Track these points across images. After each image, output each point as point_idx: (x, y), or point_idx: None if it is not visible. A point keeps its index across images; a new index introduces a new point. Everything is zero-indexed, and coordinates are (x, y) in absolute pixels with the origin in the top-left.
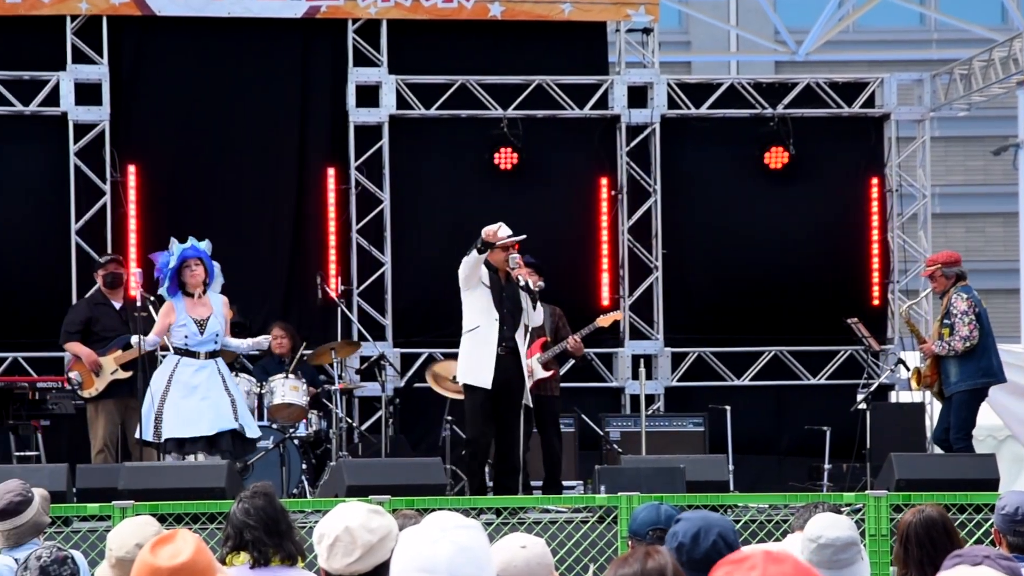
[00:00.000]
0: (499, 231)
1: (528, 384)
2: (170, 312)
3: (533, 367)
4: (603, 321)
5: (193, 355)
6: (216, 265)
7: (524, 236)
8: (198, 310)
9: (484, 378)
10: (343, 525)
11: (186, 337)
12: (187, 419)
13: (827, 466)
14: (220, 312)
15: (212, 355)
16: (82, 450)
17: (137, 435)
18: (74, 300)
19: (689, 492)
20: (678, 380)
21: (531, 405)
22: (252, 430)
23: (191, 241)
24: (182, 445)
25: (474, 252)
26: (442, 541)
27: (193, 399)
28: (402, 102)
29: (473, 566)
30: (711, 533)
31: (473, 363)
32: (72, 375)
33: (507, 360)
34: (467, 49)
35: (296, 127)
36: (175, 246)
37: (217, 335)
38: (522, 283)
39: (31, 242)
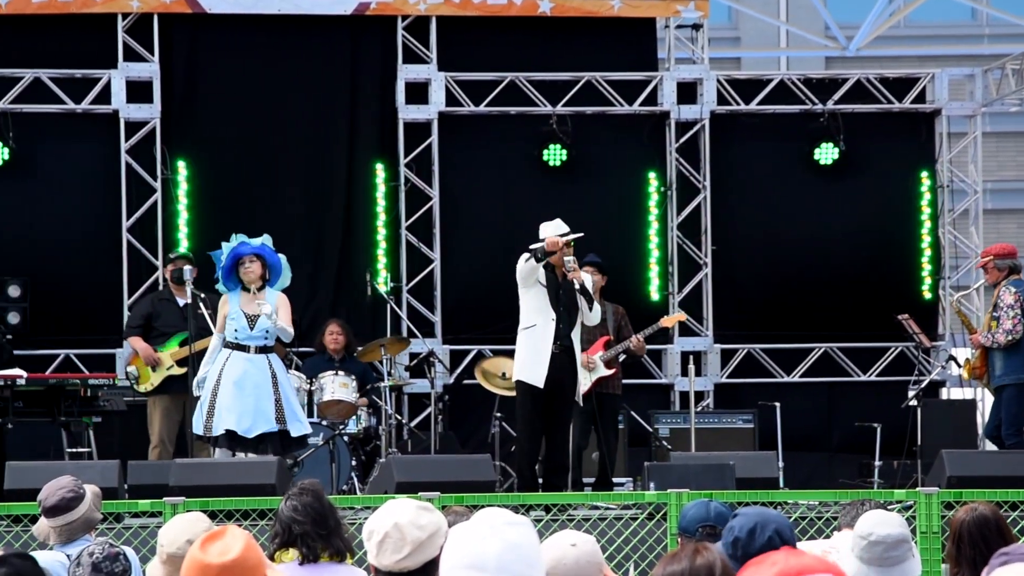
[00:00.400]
0: (560, 238)
1: (590, 382)
2: (224, 305)
3: (596, 364)
4: (666, 322)
5: (243, 348)
6: (282, 258)
7: (581, 235)
8: (252, 306)
9: (538, 376)
10: (392, 521)
11: (236, 331)
12: (237, 414)
13: (878, 463)
14: (273, 309)
15: (263, 350)
16: (134, 446)
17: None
18: (125, 297)
19: (739, 489)
20: (727, 377)
21: (582, 403)
22: (300, 427)
23: (241, 238)
24: (234, 441)
25: (532, 260)
26: (491, 538)
27: (240, 395)
28: (451, 99)
29: (522, 563)
30: (767, 529)
31: (528, 361)
32: (129, 369)
33: (562, 358)
34: (516, 46)
35: (345, 124)
36: (227, 246)
37: (267, 332)
38: (578, 285)
39: (83, 239)
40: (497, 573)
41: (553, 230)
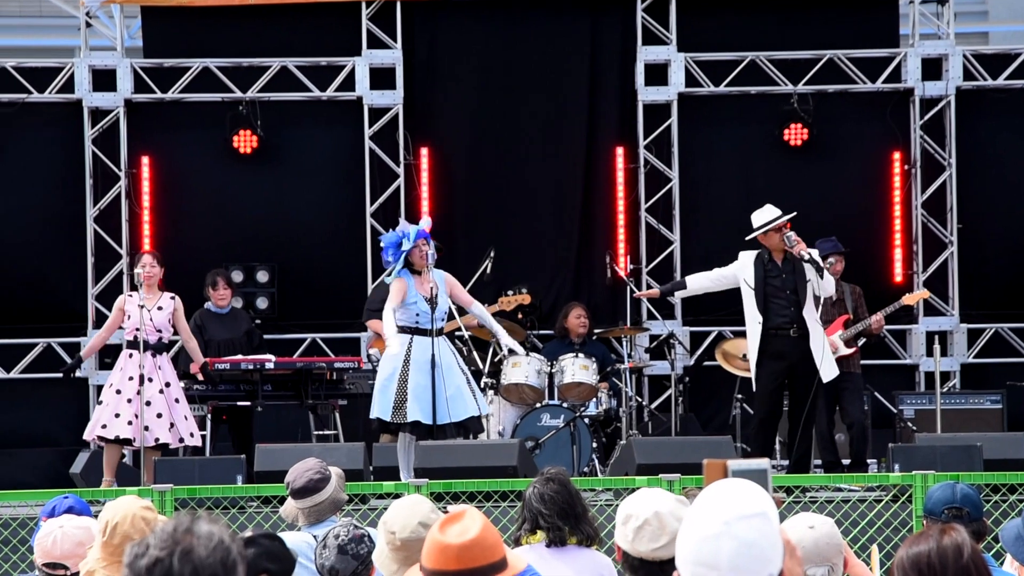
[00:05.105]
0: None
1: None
2: (404, 289)
3: (837, 344)
4: (909, 299)
5: (424, 333)
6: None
7: (794, 214)
8: (425, 287)
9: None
10: (653, 510)
11: (418, 316)
12: (438, 403)
13: None
14: (444, 288)
15: (439, 332)
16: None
17: (372, 415)
18: (369, 282)
19: (986, 471)
20: (974, 357)
21: (824, 379)
22: (484, 404)
23: (423, 222)
24: (419, 426)
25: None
26: (724, 536)
27: (438, 381)
28: (691, 80)
29: (757, 562)
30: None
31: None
32: (371, 352)
33: (797, 343)
34: (756, 24)
35: (585, 107)
36: (409, 228)
37: (445, 313)
38: (806, 257)
39: (328, 225)
40: (731, 572)
41: (765, 216)
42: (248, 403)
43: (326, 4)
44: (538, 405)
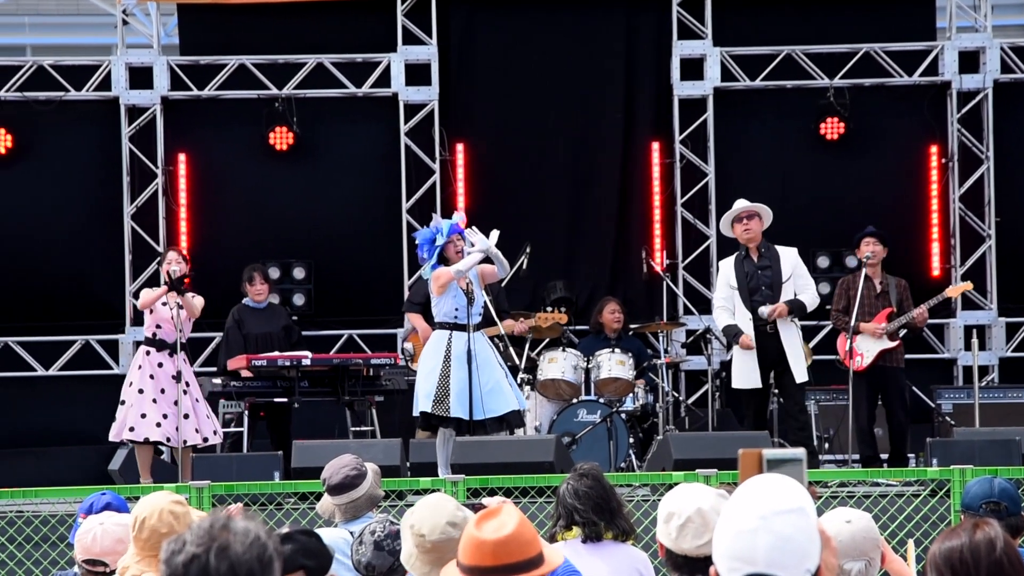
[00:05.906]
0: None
1: (873, 354)
2: (450, 275)
3: (881, 334)
4: (952, 292)
5: (463, 328)
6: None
7: (762, 205)
8: (461, 282)
9: (753, 380)
10: (695, 507)
11: (456, 310)
12: (474, 399)
13: None
14: (479, 282)
15: (476, 327)
16: (415, 425)
17: (416, 412)
18: (406, 278)
19: None
20: (1013, 351)
21: (804, 379)
22: (523, 399)
23: (456, 217)
24: (470, 425)
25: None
26: (761, 531)
27: (474, 376)
28: (727, 74)
29: (794, 557)
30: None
31: (742, 368)
32: (406, 346)
33: (770, 338)
34: (792, 18)
35: (620, 102)
36: (443, 223)
37: (483, 307)
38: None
39: (364, 221)
40: (768, 568)
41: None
42: (285, 399)
43: (361, 1)
44: (574, 401)
